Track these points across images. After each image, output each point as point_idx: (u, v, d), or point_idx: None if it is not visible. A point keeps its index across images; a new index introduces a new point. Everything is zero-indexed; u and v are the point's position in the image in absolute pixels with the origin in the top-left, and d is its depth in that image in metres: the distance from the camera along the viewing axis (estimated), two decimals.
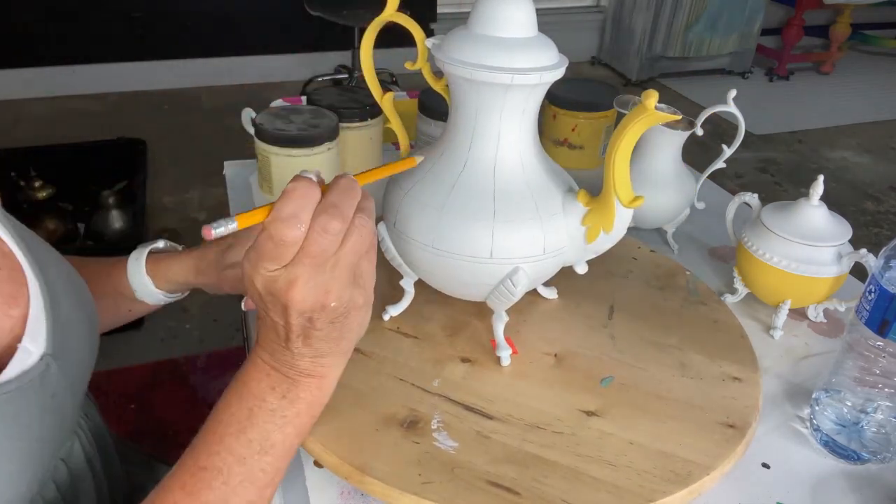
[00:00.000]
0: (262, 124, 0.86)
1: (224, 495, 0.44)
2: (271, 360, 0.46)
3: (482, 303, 0.63)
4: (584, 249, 0.59)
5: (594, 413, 0.58)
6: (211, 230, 0.41)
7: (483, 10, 0.56)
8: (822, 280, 0.69)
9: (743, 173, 2.96)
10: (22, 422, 0.44)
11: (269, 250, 0.41)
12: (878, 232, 2.63)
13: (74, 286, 0.54)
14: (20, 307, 0.47)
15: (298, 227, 0.41)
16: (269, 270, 0.42)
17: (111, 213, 2.01)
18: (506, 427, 0.56)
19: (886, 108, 3.72)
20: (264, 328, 0.46)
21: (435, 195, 0.58)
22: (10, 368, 0.44)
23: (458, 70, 0.55)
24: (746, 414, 0.58)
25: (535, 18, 0.56)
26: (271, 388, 0.45)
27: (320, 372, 0.46)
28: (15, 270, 0.48)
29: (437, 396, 0.59)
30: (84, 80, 3.24)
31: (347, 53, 3.45)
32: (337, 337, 0.45)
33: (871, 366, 0.58)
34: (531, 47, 0.55)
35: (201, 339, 1.84)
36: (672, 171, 0.82)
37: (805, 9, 3.85)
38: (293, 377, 0.46)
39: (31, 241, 0.51)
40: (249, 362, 0.47)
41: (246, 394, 0.46)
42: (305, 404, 0.46)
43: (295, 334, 0.44)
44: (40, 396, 0.46)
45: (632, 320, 0.69)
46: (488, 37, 0.55)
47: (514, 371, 0.62)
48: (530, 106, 0.57)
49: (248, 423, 0.45)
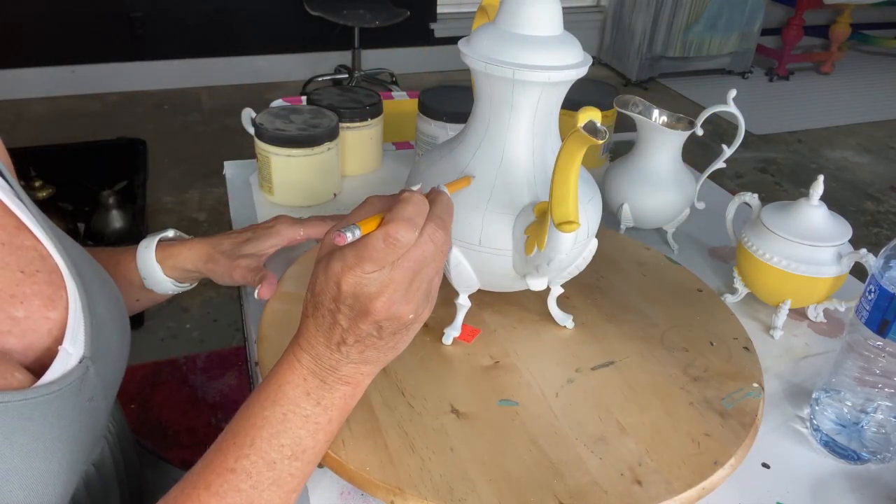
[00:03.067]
0: (262, 124, 0.86)
1: (251, 498, 0.44)
2: (311, 363, 0.46)
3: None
4: (524, 261, 0.58)
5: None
6: (344, 237, 0.42)
7: (505, 6, 0.57)
8: (822, 280, 0.69)
9: (743, 173, 2.96)
10: (62, 424, 0.44)
11: (378, 250, 0.42)
12: (878, 232, 2.63)
13: (108, 287, 0.55)
14: (58, 309, 0.48)
15: (415, 231, 0.43)
16: (368, 272, 0.42)
17: (111, 213, 2.02)
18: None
19: (886, 108, 3.72)
20: (315, 328, 0.45)
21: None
22: (52, 370, 0.44)
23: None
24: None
25: (556, 16, 0.56)
26: (306, 394, 0.45)
27: (357, 380, 0.46)
28: (53, 273, 0.48)
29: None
30: (84, 80, 3.24)
31: (347, 53, 3.45)
32: (390, 348, 0.46)
33: (871, 366, 0.58)
34: (545, 46, 0.55)
35: (201, 339, 1.84)
36: (672, 171, 0.82)
37: (805, 9, 3.85)
38: (330, 383, 0.46)
39: (66, 241, 0.52)
40: (285, 364, 0.46)
41: (281, 397, 0.45)
42: (337, 411, 0.47)
43: (353, 339, 0.44)
44: (79, 399, 0.46)
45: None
46: (510, 33, 0.56)
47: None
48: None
49: (282, 428, 0.45)
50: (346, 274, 0.42)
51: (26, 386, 0.43)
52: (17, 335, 0.46)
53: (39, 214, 0.51)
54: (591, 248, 0.63)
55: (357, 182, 0.97)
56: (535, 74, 0.54)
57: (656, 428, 0.56)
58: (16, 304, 0.46)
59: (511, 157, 0.59)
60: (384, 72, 3.58)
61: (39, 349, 0.46)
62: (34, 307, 0.46)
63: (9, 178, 0.50)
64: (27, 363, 0.45)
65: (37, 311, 0.46)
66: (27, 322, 0.46)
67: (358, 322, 0.44)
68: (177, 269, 0.68)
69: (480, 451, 0.53)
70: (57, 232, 0.51)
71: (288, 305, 0.66)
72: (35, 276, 0.47)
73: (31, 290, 0.47)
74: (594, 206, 0.61)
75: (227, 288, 2.01)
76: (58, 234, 0.51)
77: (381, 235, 0.42)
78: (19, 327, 0.46)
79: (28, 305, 0.46)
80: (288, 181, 0.88)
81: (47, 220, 0.51)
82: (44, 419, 0.43)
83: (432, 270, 0.45)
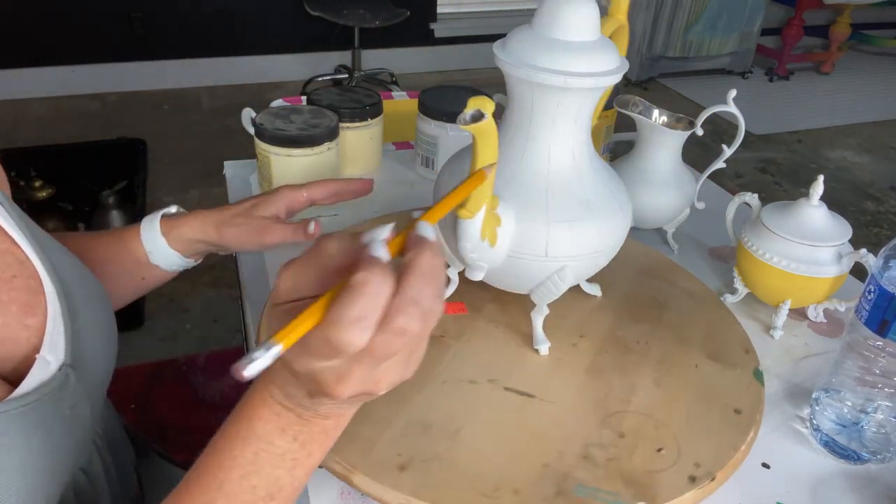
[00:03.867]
0: (262, 124, 0.86)
1: None
2: (285, 401, 0.39)
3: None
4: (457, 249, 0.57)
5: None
6: (243, 370, 0.31)
7: (545, 10, 0.56)
8: (822, 280, 0.69)
9: (743, 173, 2.96)
10: (41, 435, 0.42)
11: (324, 353, 0.34)
12: (878, 232, 2.63)
13: (91, 290, 0.53)
14: (37, 316, 0.46)
15: (367, 331, 0.33)
16: (318, 366, 0.35)
17: (111, 213, 2.02)
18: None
19: (886, 108, 3.72)
20: (287, 375, 0.38)
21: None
22: (29, 380, 0.42)
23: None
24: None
25: (595, 20, 0.56)
26: (281, 431, 0.40)
27: (339, 413, 0.41)
28: (32, 278, 0.46)
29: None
30: (84, 80, 3.24)
31: (347, 53, 3.45)
32: (368, 397, 0.39)
33: (871, 366, 0.58)
34: (588, 51, 0.55)
35: (201, 339, 1.84)
36: (672, 171, 0.82)
37: (805, 9, 3.85)
38: (308, 418, 0.40)
39: (47, 243, 0.50)
40: (256, 397, 0.40)
41: (251, 436, 0.40)
42: (318, 444, 0.41)
43: (326, 401, 0.38)
44: (59, 408, 0.44)
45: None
46: (544, 37, 0.55)
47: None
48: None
49: (253, 469, 0.40)
50: (295, 361, 0.35)
51: (1, 398, 0.40)
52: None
53: (19, 216, 0.49)
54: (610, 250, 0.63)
55: None
56: (583, 81, 0.54)
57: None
58: None
59: (557, 164, 0.59)
60: (384, 72, 3.58)
61: (17, 358, 0.44)
62: (11, 314, 0.44)
63: None
64: (5, 373, 0.43)
65: (14, 319, 0.44)
66: (4, 330, 0.44)
67: (322, 399, 0.38)
68: (182, 241, 0.67)
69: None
70: (36, 233, 0.49)
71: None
72: (12, 281, 0.45)
73: (8, 297, 0.44)
74: (629, 207, 0.62)
75: (228, 288, 2.01)
76: (37, 236, 0.49)
77: (322, 339, 0.33)
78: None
79: (5, 312, 0.44)
80: (288, 181, 0.88)
81: (26, 221, 0.49)
82: (20, 432, 0.41)
83: (410, 352, 0.37)
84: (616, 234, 0.61)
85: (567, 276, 0.59)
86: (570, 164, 0.59)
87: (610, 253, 0.62)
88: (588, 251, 0.59)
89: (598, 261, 0.61)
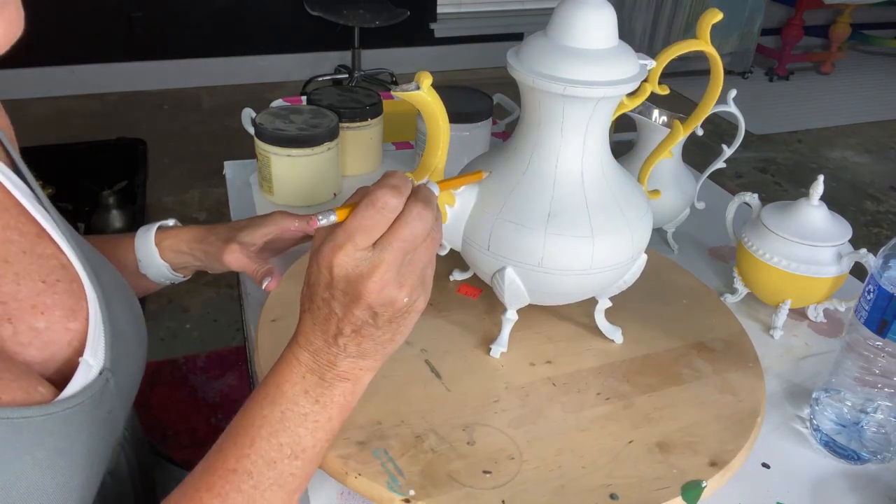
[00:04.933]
0: (262, 124, 0.86)
1: (252, 498, 0.43)
2: (309, 361, 0.45)
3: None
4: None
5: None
6: (316, 219, 0.42)
7: (553, 15, 0.55)
8: (822, 280, 0.69)
9: (743, 173, 2.96)
10: (82, 437, 0.44)
11: (368, 218, 0.41)
12: (878, 232, 2.63)
13: (126, 295, 0.54)
14: (79, 320, 0.47)
15: (401, 198, 0.42)
16: (358, 248, 0.41)
17: (111, 213, 2.02)
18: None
19: (886, 108, 3.72)
20: (311, 322, 0.45)
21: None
22: (74, 383, 0.44)
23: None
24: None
25: (611, 27, 0.54)
26: (305, 392, 0.45)
27: (356, 375, 0.46)
28: (74, 282, 0.48)
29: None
30: (84, 80, 3.24)
31: (347, 53, 3.45)
32: (387, 339, 0.45)
33: (871, 366, 0.58)
34: (599, 59, 0.53)
35: (201, 339, 1.84)
36: (672, 171, 0.82)
37: (805, 9, 3.85)
38: (329, 380, 0.45)
39: (86, 247, 0.51)
40: (284, 362, 0.46)
41: (279, 396, 0.45)
42: (337, 409, 0.46)
43: (350, 328, 0.43)
44: (99, 412, 0.46)
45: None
46: (554, 44, 0.54)
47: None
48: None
49: (280, 427, 0.44)
50: (337, 254, 0.42)
51: (48, 400, 0.42)
52: (38, 347, 0.45)
53: (61, 220, 0.50)
54: (640, 262, 0.62)
55: (357, 182, 0.97)
56: (587, 90, 0.52)
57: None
58: (37, 315, 0.45)
59: (563, 174, 0.57)
60: (384, 72, 3.58)
61: (60, 361, 0.46)
62: (55, 318, 0.46)
63: (32, 182, 0.49)
64: (47, 375, 0.44)
65: (58, 322, 0.46)
66: (48, 333, 0.45)
67: (352, 308, 0.43)
68: (172, 252, 0.69)
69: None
70: (77, 238, 0.50)
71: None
72: (56, 285, 0.46)
73: (52, 301, 0.46)
74: (644, 223, 0.60)
75: (228, 288, 2.01)
76: (78, 241, 0.50)
77: (367, 202, 0.42)
78: (40, 339, 0.45)
79: (49, 316, 0.45)
80: (288, 181, 0.88)
81: (68, 226, 0.50)
82: (65, 434, 0.42)
83: (424, 255, 0.44)
84: (618, 254, 0.58)
85: (506, 275, 0.58)
86: (577, 177, 0.57)
87: (611, 272, 0.59)
88: (581, 267, 0.57)
89: (597, 279, 0.58)
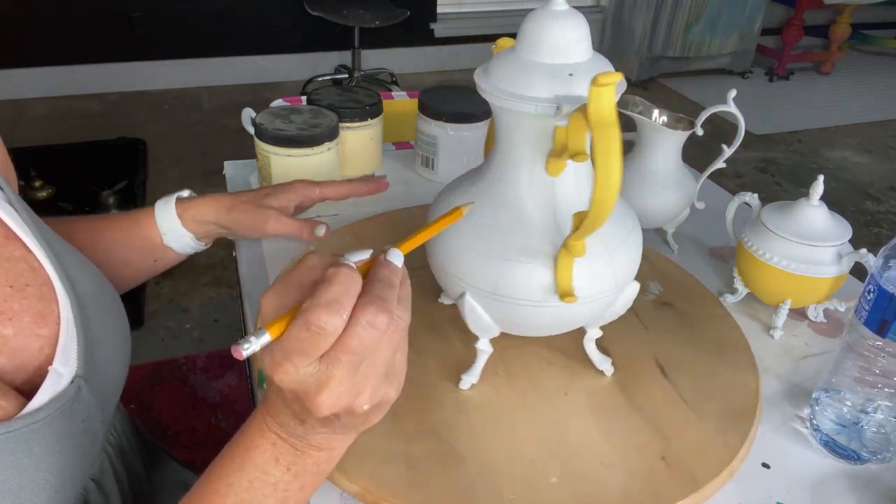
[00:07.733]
0: (262, 124, 0.86)
1: None
2: (279, 430, 0.41)
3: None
4: None
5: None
6: (240, 350, 0.36)
7: (522, 31, 0.52)
8: (822, 280, 0.69)
9: (743, 173, 2.96)
10: (52, 452, 0.42)
11: (304, 341, 0.36)
12: (878, 232, 2.63)
13: (105, 296, 0.52)
14: (50, 325, 0.45)
15: (341, 315, 0.36)
16: (299, 368, 0.36)
17: (111, 213, 2.02)
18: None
19: (886, 108, 3.72)
20: (275, 396, 0.40)
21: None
22: (41, 394, 0.42)
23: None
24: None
25: (583, 41, 0.52)
26: (275, 460, 0.41)
27: (332, 445, 0.43)
28: (45, 286, 0.45)
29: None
30: (84, 80, 3.24)
31: (347, 53, 3.45)
32: (360, 423, 0.41)
33: (871, 366, 0.57)
34: (567, 73, 0.50)
35: (201, 339, 1.84)
36: (672, 171, 0.82)
37: (805, 9, 3.85)
38: (301, 449, 0.42)
39: (60, 249, 0.49)
40: (253, 426, 0.42)
41: (247, 463, 0.41)
42: (310, 477, 0.43)
43: (315, 422, 0.40)
44: (71, 423, 0.44)
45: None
46: (518, 59, 0.51)
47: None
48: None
49: (247, 497, 0.41)
50: (277, 371, 0.37)
51: (12, 415, 0.40)
52: (7, 354, 0.43)
53: (32, 220, 0.48)
54: (632, 291, 0.58)
55: None
56: (538, 107, 0.49)
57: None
58: (4, 322, 0.43)
59: (520, 200, 0.53)
60: (384, 72, 3.58)
61: (31, 369, 0.43)
62: (24, 324, 0.43)
63: (1, 182, 0.47)
64: (18, 384, 0.42)
65: (27, 328, 0.44)
66: (17, 340, 0.43)
67: (308, 419, 0.39)
68: (196, 222, 0.69)
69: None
70: (49, 237, 0.48)
71: None
72: (24, 290, 0.44)
73: (21, 306, 0.44)
74: (629, 246, 0.55)
75: (228, 288, 2.01)
76: (49, 240, 0.48)
77: (300, 323, 0.36)
78: (8, 346, 0.43)
79: (17, 322, 0.43)
80: (288, 181, 0.88)
81: (40, 225, 0.48)
82: (31, 450, 0.40)
83: (385, 351, 0.38)
84: (597, 283, 0.53)
85: (465, 302, 0.54)
86: (545, 200, 0.53)
87: (594, 304, 0.54)
88: (539, 297, 0.53)
89: (575, 310, 0.54)
